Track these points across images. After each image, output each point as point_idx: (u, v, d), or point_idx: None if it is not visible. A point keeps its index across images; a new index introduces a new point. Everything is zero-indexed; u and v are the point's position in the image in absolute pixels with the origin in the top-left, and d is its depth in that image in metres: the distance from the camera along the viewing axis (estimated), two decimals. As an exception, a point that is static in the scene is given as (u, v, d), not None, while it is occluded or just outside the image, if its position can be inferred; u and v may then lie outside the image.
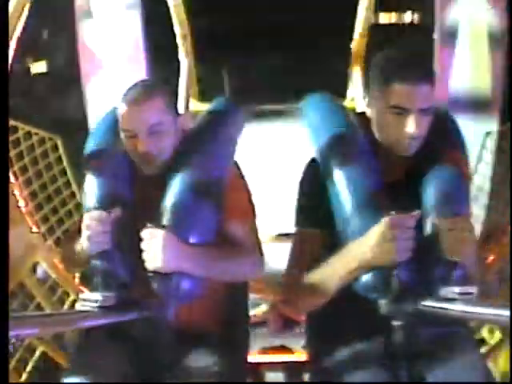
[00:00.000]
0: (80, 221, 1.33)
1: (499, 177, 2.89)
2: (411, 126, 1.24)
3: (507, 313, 0.90)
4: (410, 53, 1.32)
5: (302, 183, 1.43)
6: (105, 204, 1.32)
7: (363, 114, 1.38)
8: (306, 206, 1.40)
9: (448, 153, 1.33)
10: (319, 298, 1.29)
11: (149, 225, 1.24)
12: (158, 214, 1.32)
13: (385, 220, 1.16)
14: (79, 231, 1.30)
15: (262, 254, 1.42)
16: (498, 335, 2.17)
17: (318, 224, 1.35)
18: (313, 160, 1.42)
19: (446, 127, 1.39)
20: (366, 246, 1.19)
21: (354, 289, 1.24)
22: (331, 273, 1.25)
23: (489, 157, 3.04)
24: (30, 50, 4.50)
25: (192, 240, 1.27)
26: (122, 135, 1.37)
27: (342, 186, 1.29)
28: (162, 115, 1.34)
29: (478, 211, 2.73)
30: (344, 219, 1.27)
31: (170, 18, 3.76)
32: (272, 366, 2.11)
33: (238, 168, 1.50)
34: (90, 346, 1.38)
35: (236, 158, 1.47)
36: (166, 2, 3.69)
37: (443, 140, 1.36)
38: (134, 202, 1.40)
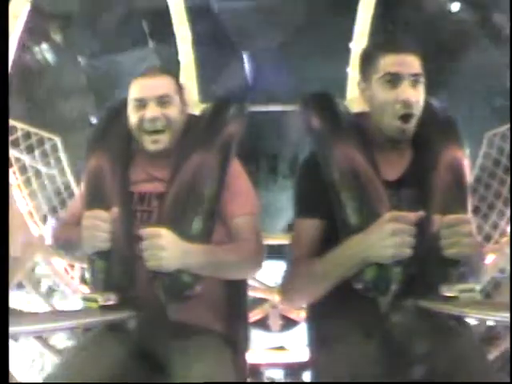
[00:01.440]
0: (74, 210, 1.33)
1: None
2: (405, 91, 1.27)
3: (507, 312, 0.90)
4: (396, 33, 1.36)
5: (301, 174, 1.43)
6: (103, 203, 1.32)
7: (362, 112, 1.38)
8: (305, 197, 1.40)
9: (447, 150, 1.33)
10: (317, 291, 1.29)
11: (148, 224, 1.24)
12: (158, 212, 1.32)
13: (386, 216, 1.16)
14: (77, 222, 1.29)
15: (263, 251, 1.42)
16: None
17: (317, 214, 1.35)
18: (312, 152, 1.42)
19: (444, 125, 1.39)
20: (366, 242, 1.18)
21: (354, 286, 1.23)
22: (331, 266, 1.24)
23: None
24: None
25: (193, 237, 1.27)
26: (132, 108, 1.39)
27: (342, 184, 1.29)
28: (171, 91, 1.41)
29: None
30: (345, 217, 1.27)
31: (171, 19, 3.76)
32: (272, 365, 2.11)
33: (240, 165, 1.49)
34: (90, 345, 1.38)
35: (237, 155, 1.47)
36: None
37: (442, 138, 1.36)
38: (134, 200, 1.40)
